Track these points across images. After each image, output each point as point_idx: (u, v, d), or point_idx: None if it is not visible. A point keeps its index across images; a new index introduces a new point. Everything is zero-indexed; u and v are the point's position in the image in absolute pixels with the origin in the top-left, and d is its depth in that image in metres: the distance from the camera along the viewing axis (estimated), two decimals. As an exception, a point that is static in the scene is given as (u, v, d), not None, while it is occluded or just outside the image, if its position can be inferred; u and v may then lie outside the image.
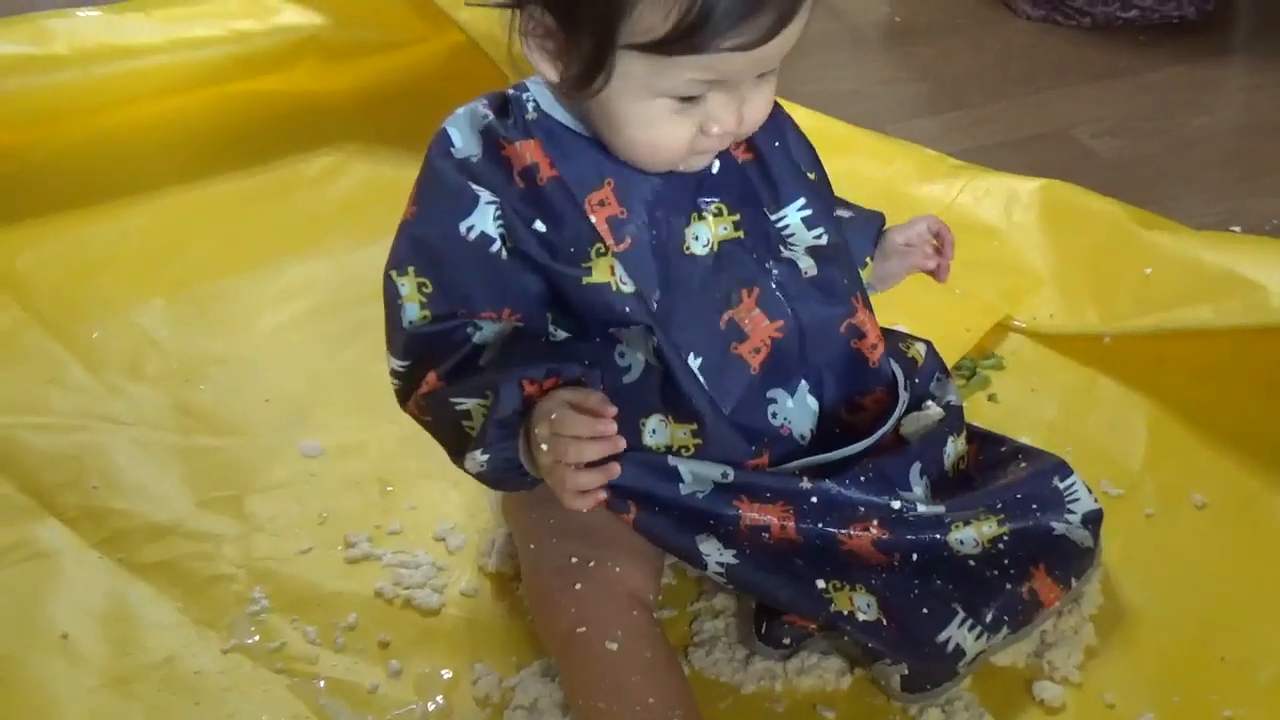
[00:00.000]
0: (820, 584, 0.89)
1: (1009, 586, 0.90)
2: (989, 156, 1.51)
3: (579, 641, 0.86)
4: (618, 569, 0.88)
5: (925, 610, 0.88)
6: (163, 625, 0.97)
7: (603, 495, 0.81)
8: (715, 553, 0.89)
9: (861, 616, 0.88)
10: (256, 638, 0.96)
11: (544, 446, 0.80)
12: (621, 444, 0.79)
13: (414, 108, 1.61)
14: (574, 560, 0.89)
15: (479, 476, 0.87)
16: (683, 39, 0.77)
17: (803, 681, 0.92)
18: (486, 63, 1.51)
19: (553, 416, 0.80)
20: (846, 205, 1.02)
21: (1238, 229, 1.40)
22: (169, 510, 1.07)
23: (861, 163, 1.41)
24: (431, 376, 0.86)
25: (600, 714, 0.84)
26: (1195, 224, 1.34)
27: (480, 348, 0.86)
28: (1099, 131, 1.64)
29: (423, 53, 1.69)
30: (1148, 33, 1.87)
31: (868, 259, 1.01)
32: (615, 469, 0.79)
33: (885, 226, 1.04)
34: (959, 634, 0.88)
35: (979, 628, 0.88)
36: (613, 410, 0.79)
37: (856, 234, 1.00)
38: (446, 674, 0.94)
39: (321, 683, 0.93)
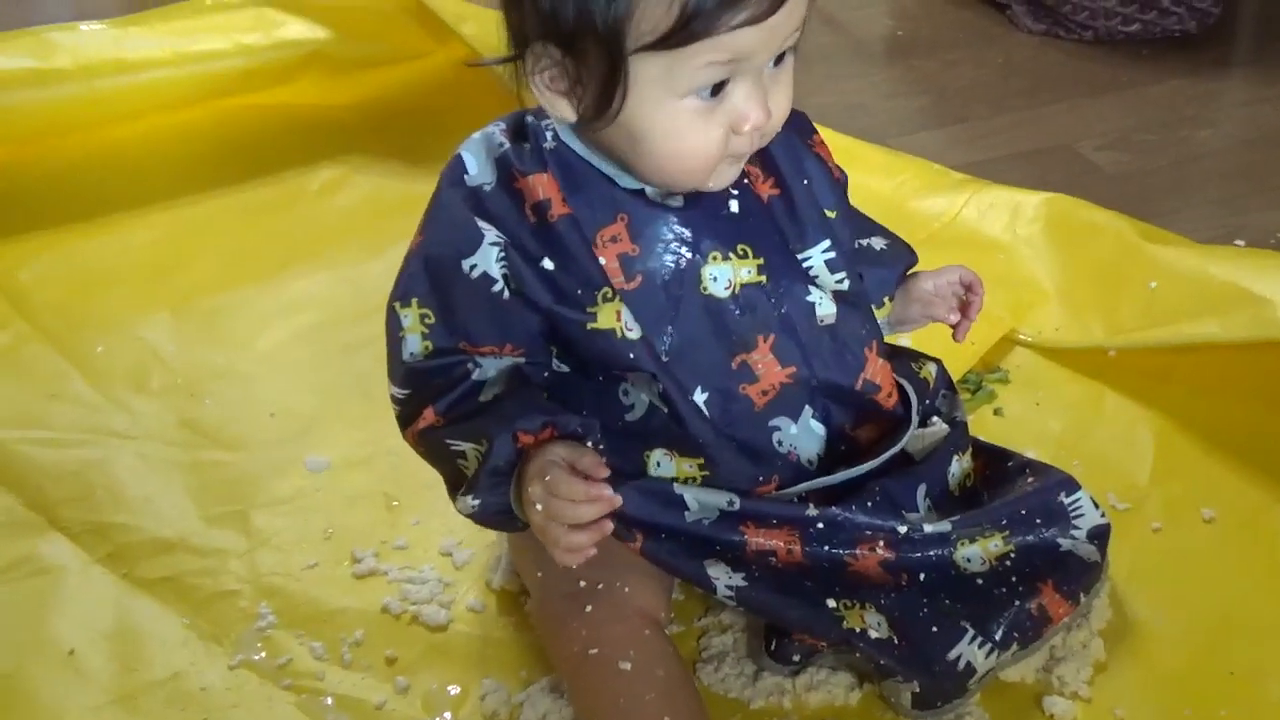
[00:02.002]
0: (830, 603, 0.88)
1: (1017, 603, 0.90)
2: (993, 170, 1.51)
3: (592, 663, 0.85)
4: (627, 589, 0.88)
5: (935, 629, 0.88)
6: (169, 641, 0.97)
7: (593, 551, 0.81)
8: (724, 576, 0.89)
9: (873, 634, 0.88)
10: (263, 654, 0.96)
11: (538, 506, 0.81)
12: (617, 502, 0.80)
13: (418, 121, 1.61)
14: (582, 584, 0.88)
15: (470, 517, 0.87)
16: (690, 24, 0.77)
17: (812, 697, 0.92)
18: (490, 77, 1.51)
19: (547, 478, 0.80)
20: (881, 232, 1.01)
21: (1242, 243, 1.40)
22: (174, 525, 1.07)
23: (866, 176, 1.40)
24: (429, 412, 0.86)
25: None
26: (1200, 238, 1.34)
27: (480, 384, 0.86)
28: (1102, 145, 1.65)
29: (427, 67, 1.69)
30: (1150, 46, 1.87)
31: (887, 299, 1.00)
32: (608, 527, 0.81)
33: (915, 269, 1.02)
34: (969, 651, 0.88)
35: (989, 644, 0.88)
36: (606, 472, 0.80)
37: (884, 269, 0.99)
38: (454, 690, 0.94)
39: (329, 699, 0.93)
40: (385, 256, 0.91)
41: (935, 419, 0.99)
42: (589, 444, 0.84)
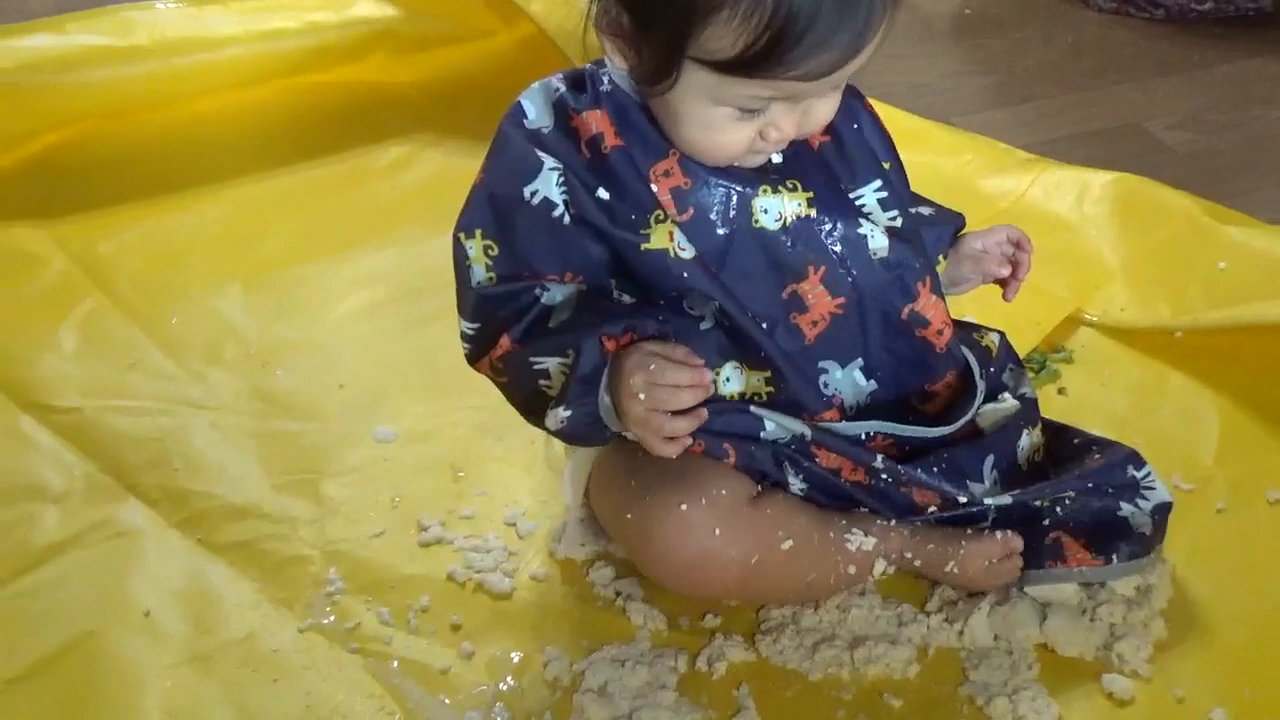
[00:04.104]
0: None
1: (1037, 524, 0.94)
2: (1060, 149, 1.50)
3: (765, 561, 0.90)
4: (723, 492, 0.90)
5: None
6: (241, 604, 1.00)
7: (689, 441, 0.85)
8: (797, 482, 0.94)
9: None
10: (332, 618, 0.98)
11: (641, 396, 0.83)
12: (713, 388, 0.83)
13: (484, 99, 1.62)
14: (683, 506, 0.90)
15: (558, 433, 0.90)
16: (749, 65, 0.79)
17: (870, 670, 0.92)
18: (557, 55, 1.52)
19: (651, 367, 0.83)
20: (927, 203, 1.02)
21: (1313, 223, 1.38)
22: (247, 492, 1.10)
23: (931, 155, 1.40)
24: (505, 340, 0.89)
25: (814, 585, 0.94)
26: (1270, 218, 1.32)
27: (549, 309, 0.89)
28: (1172, 125, 1.63)
29: (493, 45, 1.70)
30: (1222, 25, 1.84)
31: (941, 257, 1.01)
32: (704, 414, 0.84)
33: (964, 230, 1.03)
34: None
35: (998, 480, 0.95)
36: (700, 359, 0.84)
37: (933, 231, 1.00)
38: (517, 657, 0.95)
39: (395, 663, 0.95)
40: (451, 233, 0.92)
41: (1005, 395, 1.00)
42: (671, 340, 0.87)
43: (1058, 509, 0.94)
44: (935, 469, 0.92)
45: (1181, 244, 1.28)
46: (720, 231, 0.89)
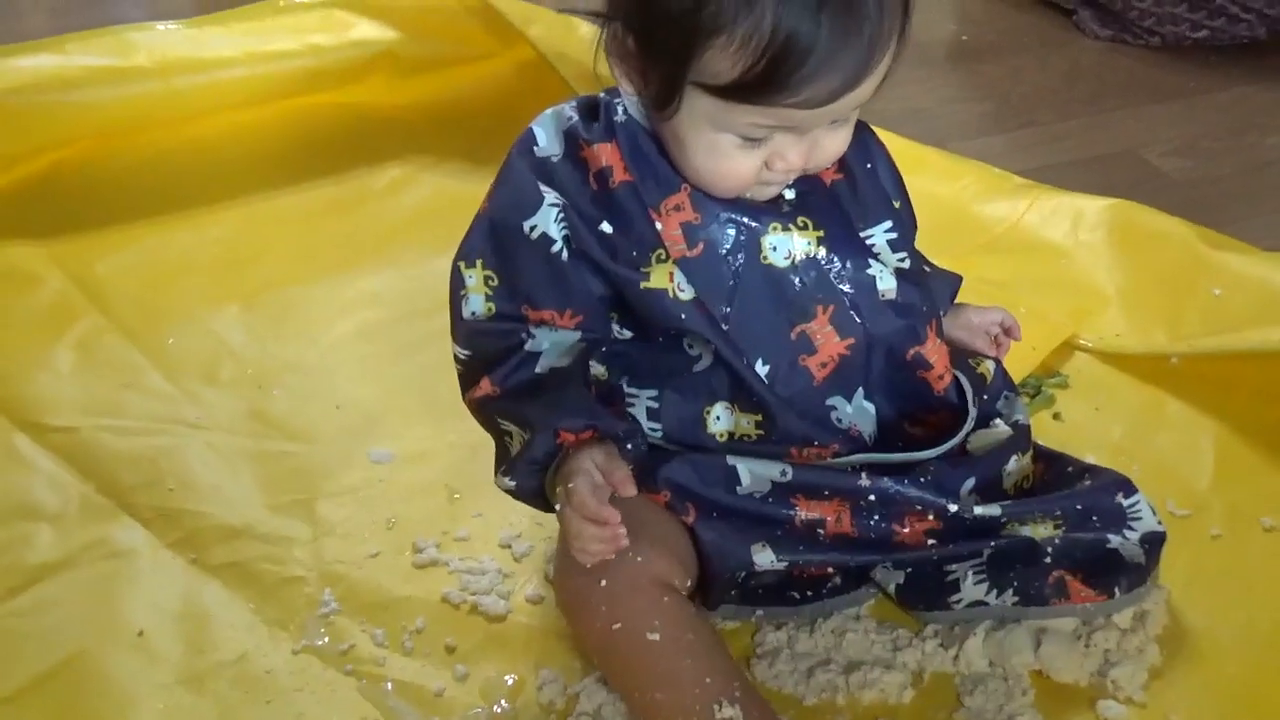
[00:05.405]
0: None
1: (1038, 563, 0.92)
2: (1056, 175, 1.51)
3: (619, 637, 0.86)
4: (639, 559, 0.87)
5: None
6: (235, 625, 0.99)
7: (607, 557, 0.85)
8: (768, 564, 0.92)
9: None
10: (326, 639, 0.98)
11: (557, 506, 0.85)
12: (623, 544, 0.83)
13: (483, 122, 1.63)
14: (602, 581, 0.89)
15: (507, 492, 0.91)
16: (747, 91, 0.79)
17: (865, 695, 0.92)
18: (555, 78, 1.53)
19: (570, 485, 0.83)
20: (925, 261, 1.02)
21: (1308, 251, 1.39)
22: (242, 513, 1.10)
23: (928, 180, 1.40)
24: (485, 382, 0.89)
25: (661, 704, 0.84)
26: (1266, 245, 1.33)
27: (535, 355, 0.88)
28: (1168, 151, 1.63)
29: (492, 68, 1.71)
30: (1218, 53, 1.85)
31: (941, 312, 1.02)
32: (623, 543, 0.83)
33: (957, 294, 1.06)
34: (962, 571, 0.92)
35: (984, 575, 0.91)
36: (633, 491, 0.83)
37: (936, 286, 1.01)
38: (511, 679, 0.95)
39: (389, 685, 0.95)
40: (450, 255, 0.92)
41: (998, 421, 1.00)
42: (629, 447, 0.86)
43: (1055, 541, 0.93)
44: (921, 479, 0.93)
45: (1177, 270, 1.29)
46: (729, 268, 0.89)
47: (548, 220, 0.88)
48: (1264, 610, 0.98)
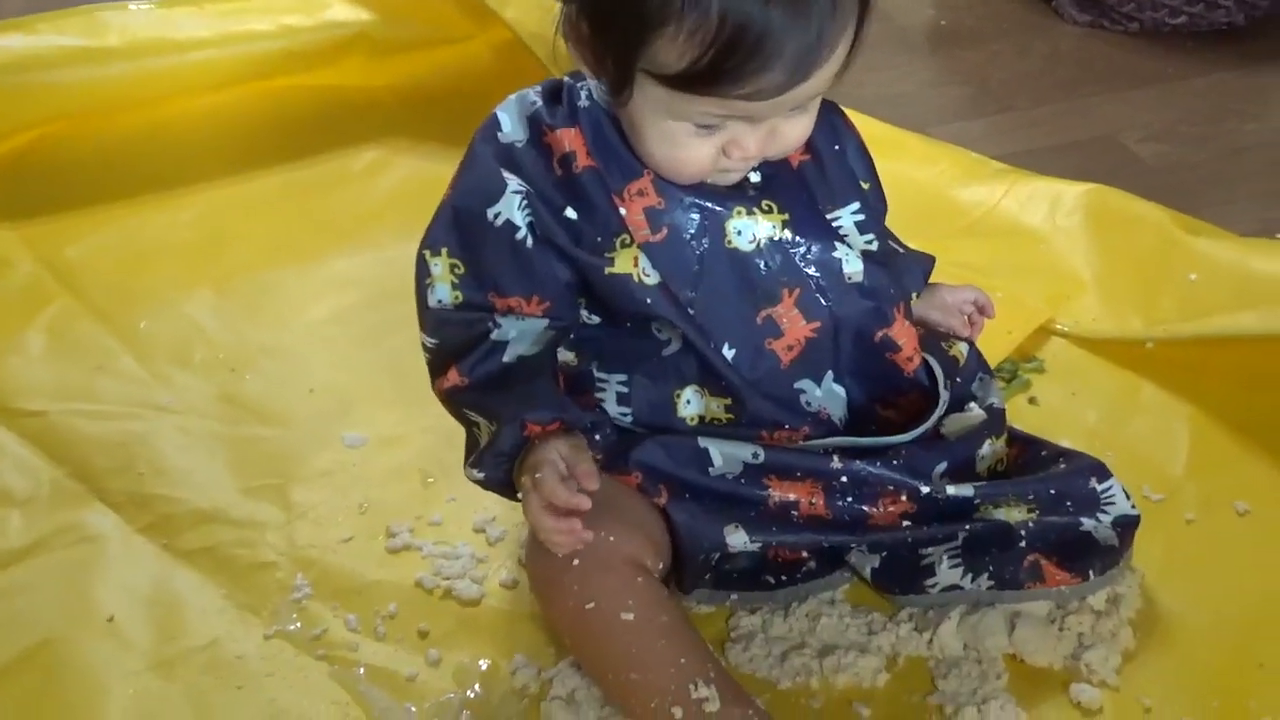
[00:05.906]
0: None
1: (1013, 547, 0.92)
2: (1034, 160, 1.51)
3: (592, 618, 0.85)
4: (612, 539, 0.87)
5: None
6: (206, 610, 0.99)
7: (575, 543, 0.84)
8: (741, 545, 0.91)
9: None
10: (298, 624, 0.98)
11: (520, 496, 0.84)
12: (586, 538, 0.82)
13: (459, 104, 1.61)
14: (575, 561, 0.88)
15: (476, 483, 0.90)
16: (695, 82, 0.79)
17: (839, 679, 0.92)
18: (531, 60, 1.52)
19: (537, 475, 0.82)
20: (896, 241, 1.02)
21: (1284, 236, 1.39)
22: (214, 497, 1.09)
23: (906, 165, 1.41)
24: (453, 372, 0.89)
25: (635, 685, 0.84)
26: (1242, 231, 1.33)
27: (501, 344, 0.88)
28: (1145, 137, 1.63)
29: (468, 50, 1.70)
30: (1196, 39, 1.86)
31: (914, 294, 1.02)
32: (587, 536, 0.83)
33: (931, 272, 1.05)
34: (937, 555, 0.91)
35: (959, 559, 0.91)
36: (596, 484, 0.82)
37: (909, 267, 1.01)
38: (484, 664, 0.95)
39: (361, 670, 0.94)
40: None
41: (972, 404, 1.00)
42: (597, 438, 0.86)
43: (1029, 525, 0.93)
44: (894, 462, 0.93)
45: (1154, 256, 1.29)
46: (694, 252, 0.89)
47: (511, 207, 0.87)
48: (1237, 594, 0.98)
